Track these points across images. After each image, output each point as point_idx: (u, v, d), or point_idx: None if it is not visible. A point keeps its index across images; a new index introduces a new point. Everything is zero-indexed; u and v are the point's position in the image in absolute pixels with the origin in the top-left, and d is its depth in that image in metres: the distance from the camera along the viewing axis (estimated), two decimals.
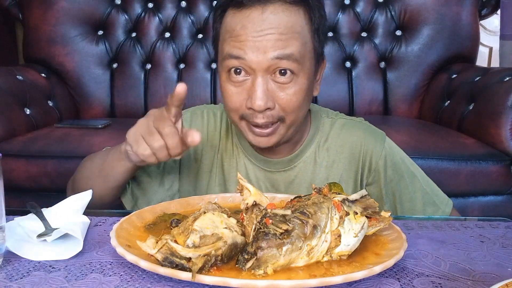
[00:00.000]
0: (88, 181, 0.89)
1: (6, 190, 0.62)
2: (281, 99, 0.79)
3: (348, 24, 2.20)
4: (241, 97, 0.80)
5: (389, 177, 0.93)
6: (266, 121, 0.80)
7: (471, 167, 1.56)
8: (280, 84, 0.79)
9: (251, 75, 0.78)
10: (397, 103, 2.16)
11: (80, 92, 2.16)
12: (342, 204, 0.62)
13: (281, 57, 0.76)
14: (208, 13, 2.20)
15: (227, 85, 0.81)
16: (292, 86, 0.79)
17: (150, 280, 0.57)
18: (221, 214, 0.61)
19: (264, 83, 0.77)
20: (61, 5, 2.13)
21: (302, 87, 0.80)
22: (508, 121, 1.57)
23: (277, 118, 0.81)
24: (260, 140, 0.83)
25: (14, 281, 0.57)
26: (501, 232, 0.76)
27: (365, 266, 0.58)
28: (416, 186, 0.95)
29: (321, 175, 0.94)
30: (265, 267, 0.55)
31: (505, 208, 1.63)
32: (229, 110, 0.84)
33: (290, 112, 0.81)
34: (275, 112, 0.80)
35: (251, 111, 0.80)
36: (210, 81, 2.19)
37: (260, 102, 0.76)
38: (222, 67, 0.81)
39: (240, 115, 0.82)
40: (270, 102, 0.78)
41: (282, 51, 0.76)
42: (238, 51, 0.77)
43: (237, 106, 0.81)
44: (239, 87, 0.80)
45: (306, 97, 0.82)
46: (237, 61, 0.77)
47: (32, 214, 0.75)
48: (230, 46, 0.78)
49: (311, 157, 0.95)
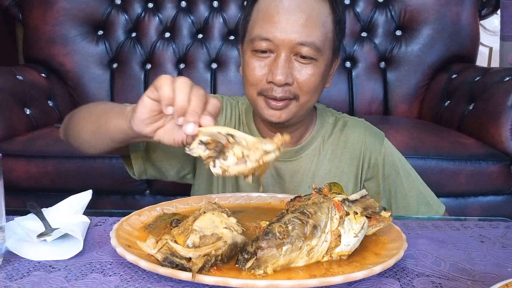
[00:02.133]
0: (82, 124, 0.86)
1: (6, 190, 0.62)
2: (300, 77, 0.85)
3: (348, 24, 2.19)
4: (263, 72, 0.85)
5: (387, 173, 0.99)
6: (283, 95, 0.85)
7: (471, 167, 1.56)
8: (300, 63, 0.85)
9: (275, 52, 0.84)
10: (397, 103, 2.16)
11: (80, 92, 2.16)
12: (342, 204, 0.62)
13: (304, 43, 0.83)
14: (208, 13, 2.20)
15: (251, 59, 0.86)
16: (311, 67, 0.85)
17: (150, 280, 0.57)
18: (221, 214, 0.61)
19: (287, 60, 0.84)
20: (61, 5, 2.13)
21: (320, 70, 0.86)
22: (508, 121, 1.57)
23: (293, 94, 0.86)
24: (273, 113, 0.87)
25: (14, 281, 0.57)
26: (501, 232, 0.76)
27: (365, 266, 0.58)
28: (411, 185, 1.00)
29: (324, 167, 0.99)
30: (265, 267, 0.55)
31: (505, 208, 1.63)
32: (249, 85, 0.88)
33: (305, 91, 0.86)
34: (293, 88, 0.86)
35: (270, 85, 0.85)
36: (210, 81, 2.19)
37: (281, 77, 0.82)
38: (249, 45, 0.87)
39: (258, 90, 0.87)
40: (289, 78, 0.84)
41: (306, 37, 0.83)
42: (268, 32, 0.83)
43: (257, 80, 0.86)
44: (262, 62, 0.86)
45: (321, 82, 0.88)
46: (265, 42, 0.84)
47: (32, 214, 0.75)
48: (261, 28, 0.84)
49: (316, 150, 0.99)
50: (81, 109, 0.90)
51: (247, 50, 0.88)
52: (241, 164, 0.60)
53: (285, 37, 0.82)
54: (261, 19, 0.85)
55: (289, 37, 0.82)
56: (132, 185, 1.61)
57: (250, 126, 1.00)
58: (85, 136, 0.84)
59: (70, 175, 1.58)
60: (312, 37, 0.83)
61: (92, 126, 0.82)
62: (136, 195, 1.67)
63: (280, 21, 0.82)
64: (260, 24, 0.85)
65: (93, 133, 0.82)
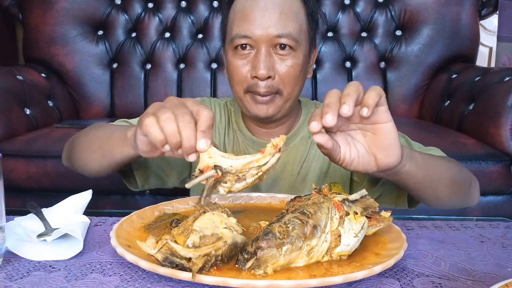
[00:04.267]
0: (86, 153, 0.88)
1: (6, 190, 0.62)
2: (281, 69, 0.90)
3: (348, 24, 2.20)
4: (246, 69, 0.90)
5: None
6: (267, 90, 0.90)
7: (471, 167, 1.56)
8: (280, 56, 0.90)
9: (255, 48, 0.89)
10: (397, 103, 2.16)
11: (80, 92, 2.17)
12: (342, 204, 0.62)
13: (281, 35, 0.88)
14: (208, 13, 2.20)
15: (234, 59, 0.92)
16: (290, 59, 0.90)
17: (150, 280, 0.57)
18: (221, 214, 0.61)
19: (267, 54, 0.89)
20: (61, 5, 2.13)
21: (299, 61, 0.91)
22: (508, 121, 1.57)
23: (275, 89, 0.91)
24: (261, 108, 0.92)
25: (14, 281, 0.57)
26: (501, 232, 0.76)
27: (365, 266, 0.58)
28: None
29: (312, 153, 1.02)
30: (265, 267, 0.55)
31: (505, 208, 1.63)
32: (235, 84, 0.93)
33: (287, 83, 0.91)
34: (275, 82, 0.90)
35: (255, 80, 0.90)
36: (210, 81, 2.20)
37: (264, 71, 0.87)
38: (230, 45, 0.92)
39: (245, 88, 0.92)
40: (271, 71, 0.89)
41: (282, 29, 0.88)
42: (245, 30, 0.88)
43: (243, 77, 0.91)
44: (245, 59, 0.91)
45: (301, 73, 0.93)
46: (244, 39, 0.89)
47: (32, 214, 0.75)
48: (238, 27, 0.89)
49: (304, 139, 1.03)
50: (81, 137, 0.91)
51: (229, 51, 0.93)
52: (242, 181, 0.63)
53: (263, 32, 0.87)
54: (238, 19, 0.90)
55: (266, 32, 0.87)
56: None
57: (240, 124, 1.03)
58: (92, 165, 0.86)
59: (70, 175, 1.58)
60: (288, 28, 0.88)
61: (96, 155, 0.84)
62: (136, 195, 1.67)
63: (256, 18, 0.88)
64: (237, 23, 0.90)
65: (99, 163, 0.84)
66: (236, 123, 1.04)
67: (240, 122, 1.03)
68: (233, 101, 1.06)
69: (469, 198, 0.88)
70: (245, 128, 1.02)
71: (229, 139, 1.04)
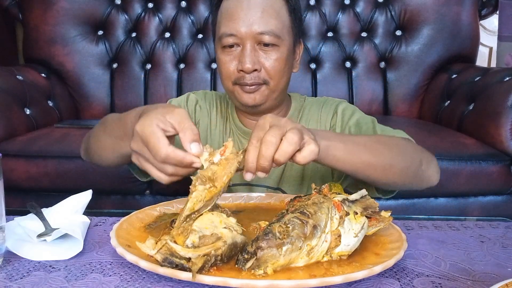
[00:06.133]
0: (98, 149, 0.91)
1: (6, 190, 0.62)
2: (266, 63, 0.95)
3: (348, 24, 2.20)
4: (233, 64, 0.96)
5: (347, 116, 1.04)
6: (253, 81, 0.95)
7: (471, 167, 1.56)
8: (264, 50, 0.95)
9: (241, 45, 0.95)
10: (397, 103, 2.16)
11: (80, 92, 2.16)
12: (342, 204, 0.62)
13: (263, 32, 0.93)
14: (208, 13, 2.20)
15: (222, 56, 0.97)
16: (274, 53, 0.95)
17: (150, 280, 0.57)
18: (220, 214, 0.61)
19: (252, 49, 0.94)
20: (61, 5, 2.13)
21: (283, 56, 0.96)
22: (508, 121, 1.57)
23: (262, 80, 0.96)
24: (248, 96, 0.97)
25: (14, 281, 0.57)
26: (501, 232, 0.76)
27: (365, 266, 0.58)
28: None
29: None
30: (265, 267, 0.55)
31: (505, 208, 1.63)
32: (224, 78, 0.99)
33: (273, 75, 0.96)
34: (262, 74, 0.96)
35: (241, 73, 0.95)
36: (210, 81, 2.20)
37: (249, 65, 0.93)
38: (219, 44, 0.97)
39: (233, 80, 0.97)
40: (257, 65, 0.94)
41: (265, 27, 0.93)
42: (231, 28, 0.94)
43: (231, 72, 0.96)
44: (231, 55, 0.96)
45: (286, 66, 0.98)
46: (231, 37, 0.95)
47: (32, 214, 0.75)
48: (225, 26, 0.95)
49: None
50: (94, 132, 0.94)
51: (218, 48, 0.98)
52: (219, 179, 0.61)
53: (247, 30, 0.93)
54: (225, 19, 0.96)
55: (250, 29, 0.93)
56: (132, 185, 1.61)
57: (233, 116, 1.08)
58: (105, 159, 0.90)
59: (70, 175, 1.58)
60: (270, 26, 0.94)
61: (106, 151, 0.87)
62: (136, 195, 1.67)
63: (240, 17, 0.94)
64: (224, 23, 0.96)
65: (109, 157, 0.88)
66: (231, 115, 1.10)
67: (234, 114, 1.09)
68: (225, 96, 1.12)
69: (423, 179, 0.87)
70: (238, 120, 1.07)
71: (225, 129, 1.10)
